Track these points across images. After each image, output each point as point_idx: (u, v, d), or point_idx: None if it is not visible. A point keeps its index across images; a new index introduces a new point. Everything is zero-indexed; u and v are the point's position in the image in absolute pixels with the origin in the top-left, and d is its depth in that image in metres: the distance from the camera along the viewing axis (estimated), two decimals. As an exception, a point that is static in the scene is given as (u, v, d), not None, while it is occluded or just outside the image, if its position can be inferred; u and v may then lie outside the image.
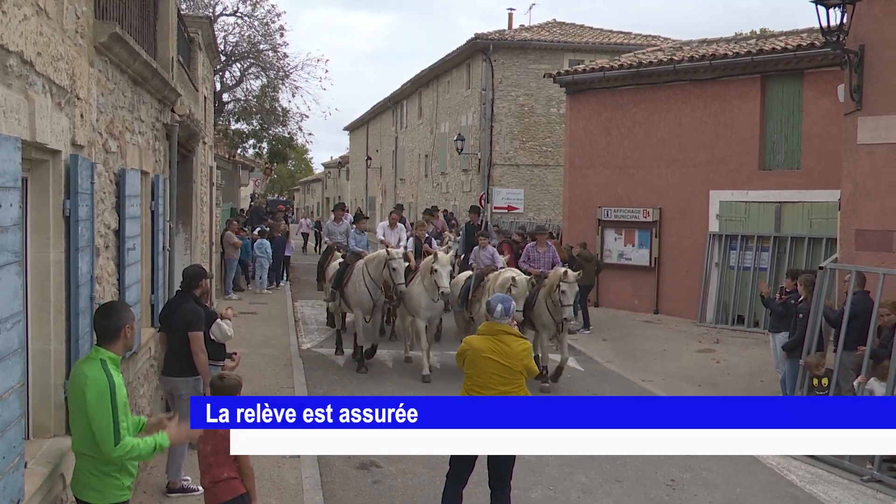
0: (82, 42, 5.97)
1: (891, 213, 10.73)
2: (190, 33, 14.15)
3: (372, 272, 12.59)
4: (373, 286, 12.64)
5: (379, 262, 12.39)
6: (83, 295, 5.63)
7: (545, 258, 13.22)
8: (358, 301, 12.81)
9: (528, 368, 6.51)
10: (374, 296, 12.74)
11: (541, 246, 13.30)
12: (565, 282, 11.61)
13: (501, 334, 6.44)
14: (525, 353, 6.48)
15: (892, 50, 10.62)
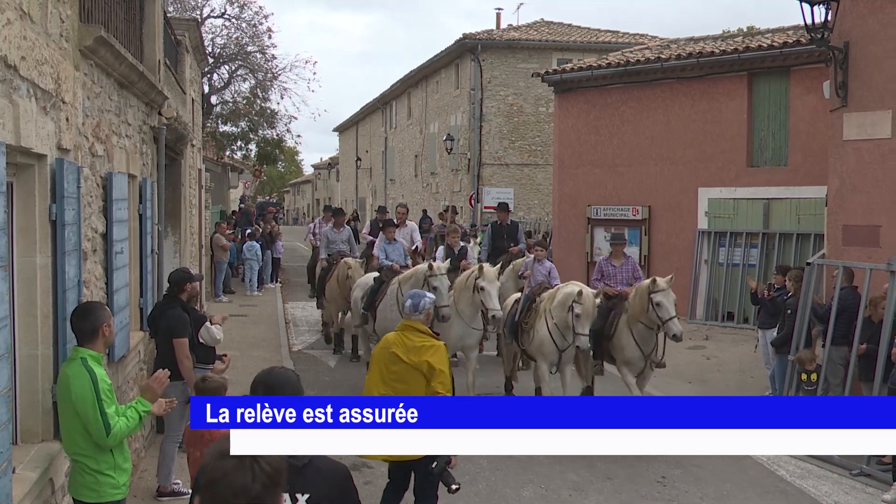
0: (67, 46, 5.96)
1: (877, 209, 10.79)
2: (177, 36, 14.11)
3: (408, 290, 11.06)
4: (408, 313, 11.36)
5: (417, 280, 10.40)
6: (70, 299, 5.62)
7: (623, 273, 10.61)
8: (388, 330, 10.61)
9: (431, 368, 5.90)
10: None
11: (616, 258, 10.70)
12: (657, 291, 9.29)
13: (408, 329, 6.12)
14: (428, 350, 5.98)
15: (876, 46, 10.68)
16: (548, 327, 9.80)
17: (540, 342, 9.87)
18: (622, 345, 9.85)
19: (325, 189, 70.12)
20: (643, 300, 9.43)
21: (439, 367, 5.89)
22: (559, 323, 9.66)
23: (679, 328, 9.26)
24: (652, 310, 9.30)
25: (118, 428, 4.70)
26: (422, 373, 5.89)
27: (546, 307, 9.94)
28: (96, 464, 4.75)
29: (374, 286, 11.61)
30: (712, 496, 8.10)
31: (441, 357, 5.98)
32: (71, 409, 4.68)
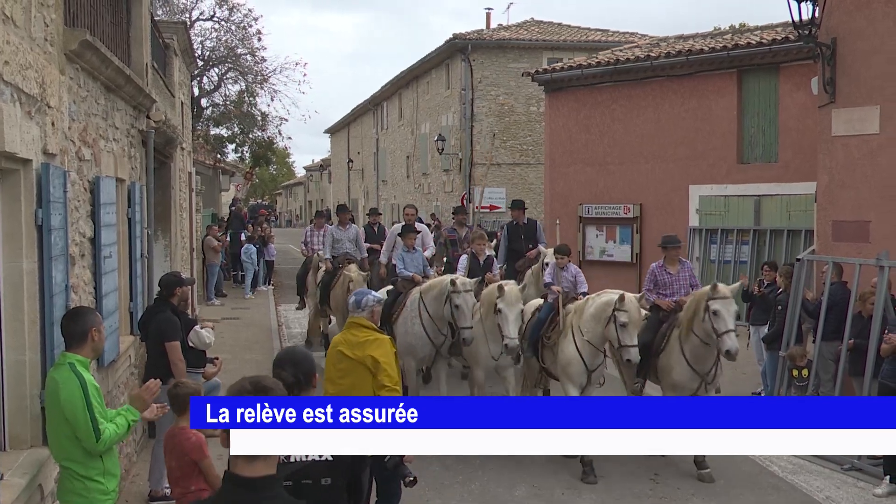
0: (52, 50, 5.94)
1: (866, 204, 10.82)
2: (165, 39, 14.08)
3: (431, 307, 9.53)
4: (432, 327, 9.60)
5: (441, 292, 9.31)
6: (58, 304, 5.60)
7: (680, 281, 9.26)
8: (409, 346, 9.67)
9: (375, 362, 5.79)
10: (435, 340, 9.68)
11: (671, 264, 9.35)
12: (717, 298, 8.09)
13: (353, 326, 6.03)
14: (371, 343, 5.85)
15: (863, 41, 10.71)
16: (576, 345, 8.58)
17: (566, 361, 8.66)
18: (670, 364, 8.55)
19: (318, 191, 70.06)
20: (699, 308, 8.25)
21: (383, 361, 5.81)
22: (593, 339, 8.48)
23: (735, 344, 7.95)
24: (707, 319, 8.08)
25: (108, 433, 4.68)
26: (367, 367, 5.80)
27: (574, 321, 8.69)
28: (85, 469, 4.72)
29: (389, 299, 10.11)
30: (705, 493, 8.11)
31: (385, 350, 5.90)
32: (59, 414, 4.65)
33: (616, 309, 8.14)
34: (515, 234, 12.76)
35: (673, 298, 9.07)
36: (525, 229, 12.85)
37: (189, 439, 5.50)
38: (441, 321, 9.48)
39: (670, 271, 9.27)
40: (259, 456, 2.65)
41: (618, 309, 8.13)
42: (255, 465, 2.66)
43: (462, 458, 8.56)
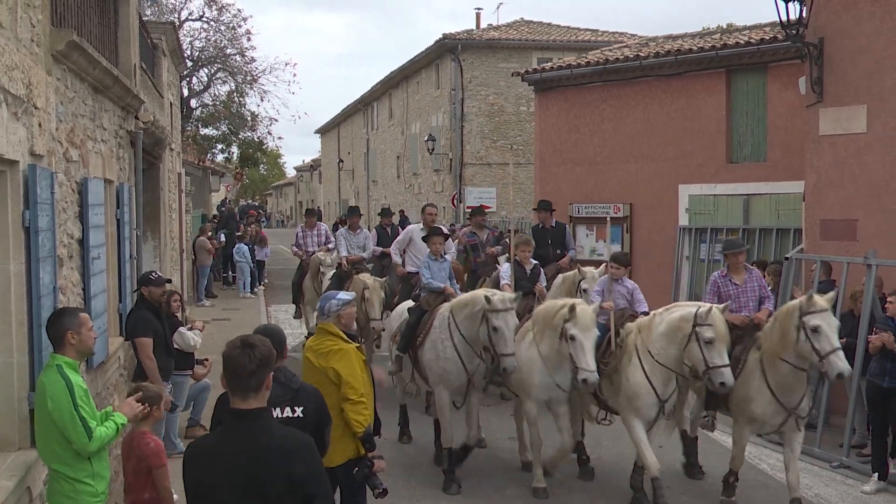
0: (38, 51, 5.91)
1: (854, 203, 10.88)
2: (153, 39, 14.05)
3: (464, 326, 7.99)
4: (467, 351, 8.04)
5: (475, 311, 7.79)
6: (45, 306, 5.58)
7: (748, 292, 8.11)
8: (443, 374, 8.21)
9: (338, 375, 5.48)
10: (469, 366, 8.09)
11: (737, 273, 8.20)
12: (814, 311, 6.89)
13: (320, 332, 5.75)
14: (335, 354, 5.54)
15: (850, 41, 10.76)
16: (644, 370, 7.43)
17: (633, 392, 7.47)
18: (749, 395, 7.35)
19: (308, 191, 69.98)
20: (790, 326, 6.99)
21: (345, 374, 5.46)
22: (667, 361, 7.34)
23: (846, 365, 6.85)
24: (805, 339, 6.84)
25: (98, 434, 4.66)
26: (330, 379, 5.49)
27: (638, 342, 7.56)
28: (74, 472, 4.71)
29: (413, 319, 8.67)
30: (695, 490, 8.14)
31: (348, 362, 5.52)
32: (47, 416, 4.63)
33: (698, 324, 7.00)
34: (542, 238, 11.42)
35: (743, 314, 7.88)
36: (553, 233, 11.63)
37: (148, 445, 5.46)
38: (477, 344, 7.89)
39: (736, 281, 8.11)
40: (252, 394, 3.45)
41: (700, 324, 6.98)
42: (248, 401, 3.44)
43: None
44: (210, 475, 3.43)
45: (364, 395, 5.54)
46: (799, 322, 6.90)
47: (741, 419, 7.56)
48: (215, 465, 3.42)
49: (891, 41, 10.46)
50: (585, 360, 7.25)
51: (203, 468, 3.46)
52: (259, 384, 3.45)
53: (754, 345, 7.51)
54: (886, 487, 8.21)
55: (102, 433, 4.70)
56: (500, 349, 7.50)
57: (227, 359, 3.48)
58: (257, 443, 3.40)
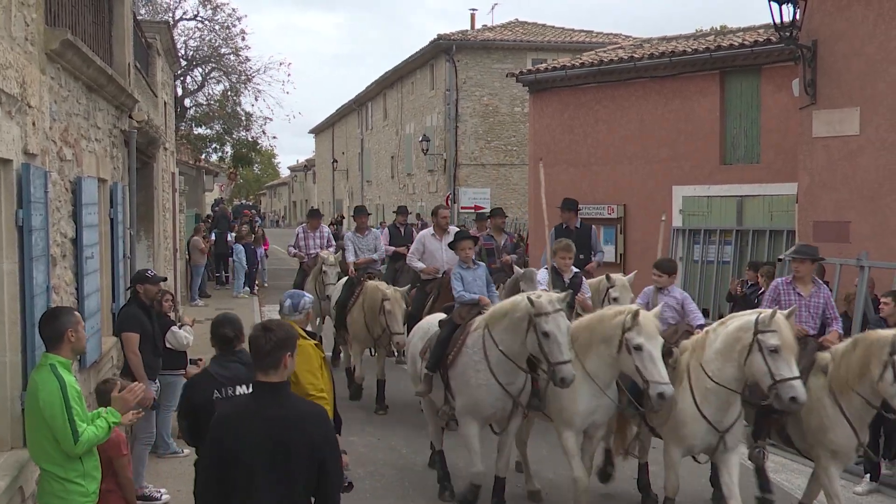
0: (32, 49, 5.90)
1: (847, 205, 10.93)
2: (147, 38, 14.02)
3: (505, 342, 6.90)
4: (507, 371, 6.96)
5: (518, 319, 6.74)
6: (39, 305, 5.57)
7: (811, 306, 7.35)
8: (473, 403, 7.18)
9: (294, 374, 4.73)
10: (512, 387, 7.02)
11: (803, 284, 7.42)
12: None
13: None
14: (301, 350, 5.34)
15: (843, 44, 10.81)
16: (694, 397, 6.50)
17: (681, 421, 6.59)
18: (823, 424, 6.45)
19: (302, 191, 69.93)
20: (875, 361, 6.08)
21: (303, 372, 5.27)
22: (725, 380, 6.36)
23: None
24: (893, 382, 5.96)
25: (86, 436, 4.63)
26: None
27: (691, 364, 6.62)
28: (64, 472, 4.68)
29: (444, 334, 7.63)
30: (689, 490, 8.13)
31: (305, 359, 5.32)
32: (39, 416, 4.61)
33: (760, 331, 6.09)
34: (567, 238, 10.12)
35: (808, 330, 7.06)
36: (577, 235, 10.51)
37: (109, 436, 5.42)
38: (521, 358, 6.88)
39: (801, 292, 7.36)
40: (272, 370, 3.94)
41: (763, 330, 6.07)
42: (269, 375, 3.94)
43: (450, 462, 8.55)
44: (241, 440, 3.80)
45: (323, 391, 5.51)
46: (889, 359, 5.99)
47: (823, 454, 6.52)
48: (246, 431, 3.81)
49: (884, 44, 10.51)
50: (657, 371, 6.30)
51: (234, 433, 3.84)
52: (276, 361, 3.93)
53: (820, 368, 6.61)
54: (878, 488, 8.22)
55: (90, 435, 4.65)
56: (554, 357, 6.41)
57: (250, 340, 4.07)
58: (282, 410, 3.87)
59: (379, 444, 9.55)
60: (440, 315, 8.30)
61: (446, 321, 7.84)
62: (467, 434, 7.28)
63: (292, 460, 3.79)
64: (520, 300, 6.83)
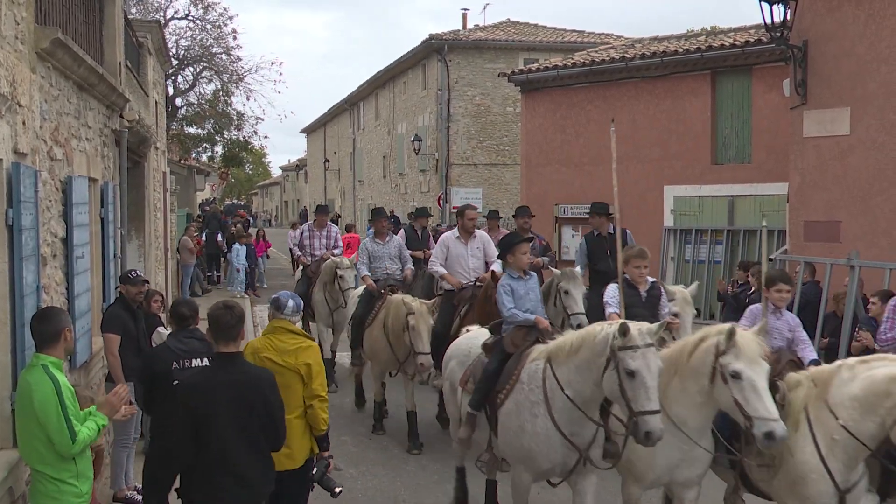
0: (23, 48, 5.87)
1: (837, 205, 10.97)
2: (139, 38, 13.98)
3: (575, 382, 5.53)
4: (574, 421, 5.58)
5: (595, 354, 5.35)
6: (28, 305, 5.54)
7: None
8: (525, 453, 5.82)
9: (310, 369, 5.44)
10: (579, 439, 5.63)
11: None
12: None
13: (279, 331, 5.55)
14: (304, 351, 5.47)
15: (834, 44, 10.85)
16: (817, 446, 5.17)
17: (800, 475, 5.22)
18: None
19: (294, 191, 69.83)
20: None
21: (317, 369, 5.47)
22: (862, 433, 5.03)
23: None
24: None
25: (82, 435, 4.62)
26: (300, 375, 5.40)
27: (810, 405, 5.26)
28: (58, 472, 4.64)
29: (493, 365, 6.27)
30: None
31: (318, 357, 5.58)
32: (32, 417, 4.57)
33: None
34: (599, 248, 9.43)
35: None
36: (611, 242, 9.09)
37: None
38: (592, 405, 5.51)
39: None
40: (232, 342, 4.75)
41: None
42: (230, 346, 4.74)
43: (439, 459, 8.57)
44: (209, 403, 4.52)
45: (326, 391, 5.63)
46: None
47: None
48: (213, 394, 4.55)
49: (874, 44, 10.55)
50: (763, 404, 4.98)
51: (203, 397, 4.56)
52: (237, 334, 4.78)
53: None
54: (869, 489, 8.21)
55: (85, 435, 4.65)
56: (639, 404, 5.01)
57: (214, 317, 4.75)
58: (242, 376, 4.66)
59: (370, 443, 9.53)
60: (481, 333, 7.04)
61: (495, 347, 6.44)
62: (518, 486, 6.02)
63: (253, 415, 4.59)
64: (598, 330, 5.42)
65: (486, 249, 9.58)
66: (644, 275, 7.11)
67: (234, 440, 4.55)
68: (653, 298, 7.11)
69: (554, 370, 5.69)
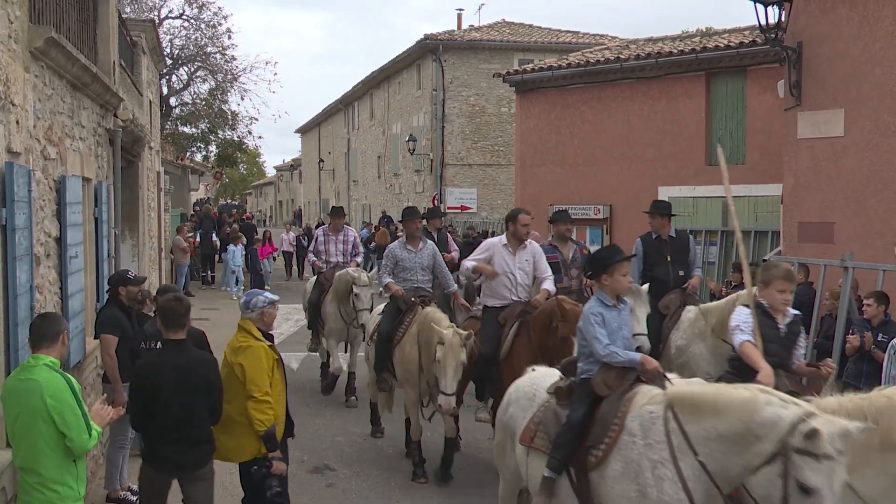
0: (16, 47, 5.85)
1: (831, 206, 10.98)
2: (133, 37, 13.95)
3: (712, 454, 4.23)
4: (705, 493, 4.30)
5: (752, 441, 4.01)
6: (22, 305, 5.52)
7: None
8: None
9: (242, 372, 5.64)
10: None
11: None
12: None
13: (239, 329, 5.89)
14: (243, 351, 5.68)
15: (828, 45, 10.87)
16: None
17: None
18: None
19: (288, 191, 69.73)
20: None
21: (250, 372, 5.62)
22: None
23: None
24: None
25: (97, 430, 4.64)
26: (236, 375, 5.67)
27: None
28: (60, 474, 4.54)
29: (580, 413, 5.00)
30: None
31: (254, 360, 5.65)
32: (39, 415, 4.44)
33: None
34: (657, 253, 8.46)
35: None
36: (672, 246, 8.53)
37: None
38: (730, 484, 4.26)
39: None
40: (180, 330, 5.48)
41: None
42: (179, 333, 5.47)
43: (434, 459, 8.56)
44: (158, 381, 5.32)
45: (269, 395, 5.70)
46: None
47: None
48: (162, 374, 5.35)
49: (868, 46, 10.57)
50: None
51: (152, 379, 5.35)
52: (185, 322, 5.51)
53: None
54: None
55: (97, 431, 4.68)
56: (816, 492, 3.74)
57: (166, 307, 5.51)
58: (187, 358, 5.43)
59: (365, 444, 9.52)
60: (549, 373, 5.67)
61: (578, 391, 5.12)
62: None
63: (195, 393, 5.36)
64: (762, 401, 4.04)
65: (536, 263, 8.04)
66: (788, 302, 5.50)
67: (177, 413, 5.31)
68: (792, 335, 5.51)
69: (682, 423, 4.38)
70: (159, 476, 5.48)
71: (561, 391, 5.31)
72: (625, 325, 5.29)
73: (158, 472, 5.46)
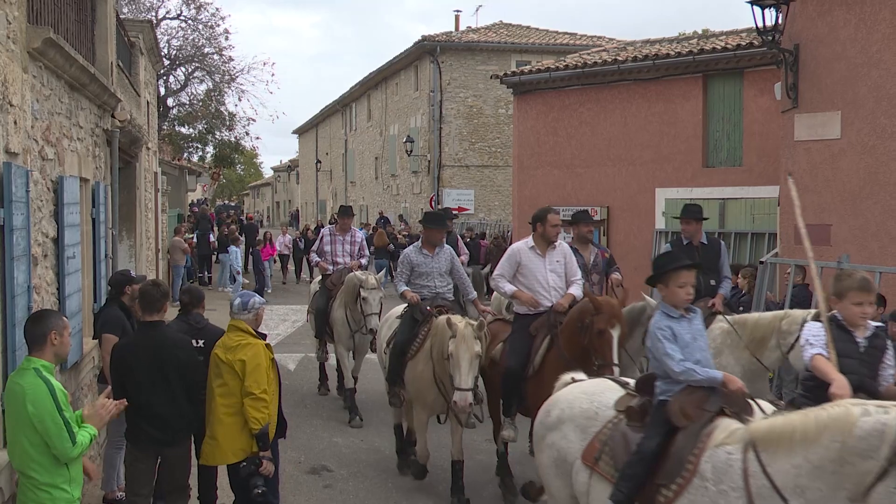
0: (14, 48, 5.85)
1: (828, 208, 11.01)
2: (130, 37, 13.95)
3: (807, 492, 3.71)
4: None
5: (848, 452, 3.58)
6: (20, 305, 5.51)
7: None
8: None
9: (244, 365, 5.70)
10: None
11: None
12: None
13: (231, 329, 5.94)
14: (243, 348, 5.76)
15: (825, 48, 10.90)
16: None
17: None
18: None
19: (285, 192, 69.69)
20: None
21: (251, 366, 5.71)
22: None
23: None
24: None
25: (80, 439, 4.55)
26: (236, 372, 5.74)
27: None
28: (50, 478, 4.53)
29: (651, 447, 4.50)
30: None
31: (255, 354, 5.78)
32: (25, 421, 4.46)
33: None
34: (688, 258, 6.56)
35: None
36: (704, 253, 8.17)
37: None
38: None
39: None
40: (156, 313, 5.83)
41: None
42: (153, 316, 5.82)
43: (433, 462, 8.55)
44: (131, 361, 5.69)
45: (266, 393, 5.75)
46: None
47: None
48: (135, 355, 5.70)
49: (865, 48, 10.60)
50: None
51: (127, 358, 5.72)
52: (161, 307, 5.81)
53: None
54: None
55: (83, 439, 4.59)
56: None
57: (143, 292, 5.89)
58: (160, 339, 5.74)
59: (362, 445, 9.52)
60: (604, 386, 5.13)
61: (655, 416, 4.57)
62: None
63: (168, 373, 5.66)
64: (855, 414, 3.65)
65: (567, 264, 7.46)
66: (868, 315, 4.96)
67: (150, 392, 5.64)
68: (875, 350, 4.91)
69: (764, 465, 3.86)
70: (142, 455, 5.80)
71: (633, 411, 4.71)
72: (699, 335, 4.73)
73: (140, 450, 5.80)
